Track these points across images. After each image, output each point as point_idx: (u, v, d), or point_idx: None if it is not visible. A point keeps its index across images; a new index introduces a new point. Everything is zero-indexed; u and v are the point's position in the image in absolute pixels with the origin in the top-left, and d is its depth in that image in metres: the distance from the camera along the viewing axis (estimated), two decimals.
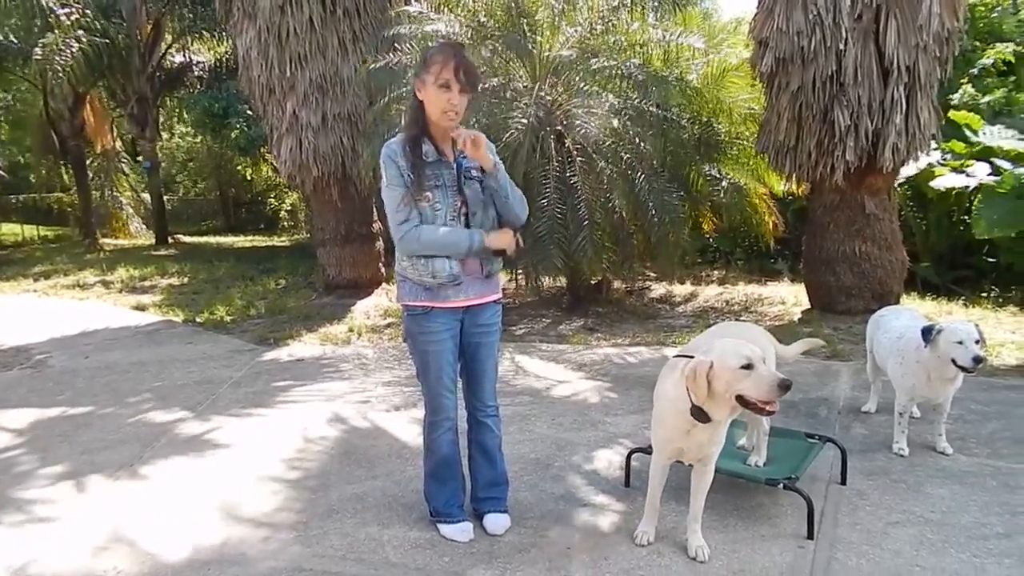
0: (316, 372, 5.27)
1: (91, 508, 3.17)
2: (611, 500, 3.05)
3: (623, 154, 6.20)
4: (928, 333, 3.10)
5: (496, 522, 2.80)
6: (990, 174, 7.67)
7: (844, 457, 3.13)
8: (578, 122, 6.05)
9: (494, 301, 2.72)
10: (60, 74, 12.40)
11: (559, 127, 6.23)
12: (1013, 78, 9.66)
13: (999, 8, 10.25)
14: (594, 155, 6.12)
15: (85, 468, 3.58)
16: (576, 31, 6.58)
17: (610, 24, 6.50)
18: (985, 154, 8.07)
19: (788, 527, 2.77)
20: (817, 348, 3.66)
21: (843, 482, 3.11)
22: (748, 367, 2.25)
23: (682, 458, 2.59)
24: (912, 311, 3.88)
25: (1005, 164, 7.70)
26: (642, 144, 6.15)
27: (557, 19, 6.58)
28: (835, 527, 2.77)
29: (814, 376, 4.64)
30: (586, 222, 5.89)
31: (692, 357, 2.40)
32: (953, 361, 3.04)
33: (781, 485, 2.77)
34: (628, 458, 3.19)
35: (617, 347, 5.75)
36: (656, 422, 2.62)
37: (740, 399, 2.26)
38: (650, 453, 3.00)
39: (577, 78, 6.29)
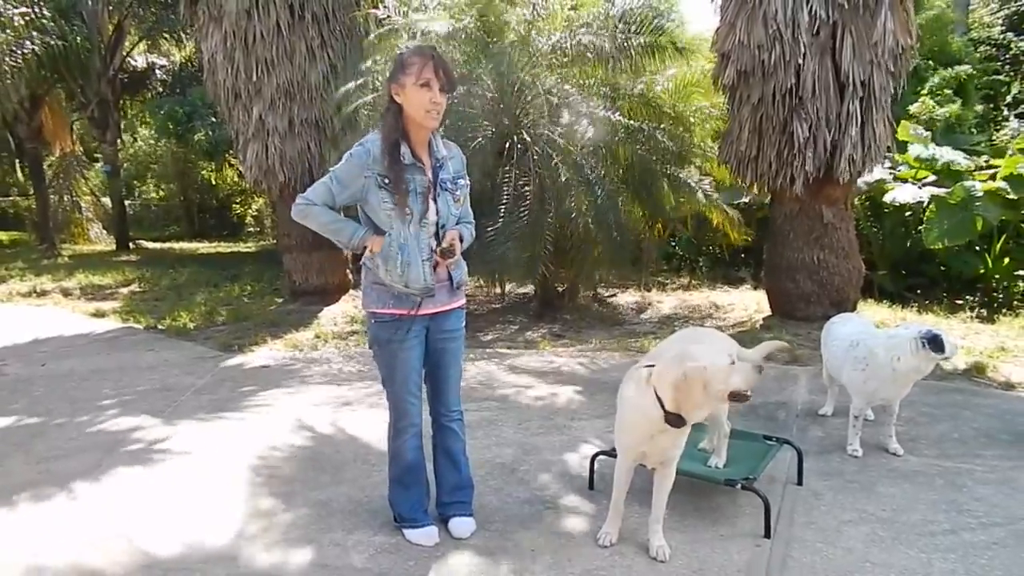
0: (281, 378, 5.22)
1: (44, 519, 3.10)
2: (576, 502, 3.10)
3: (588, 162, 6.29)
4: (937, 342, 3.17)
5: (461, 526, 2.82)
6: (940, 186, 7.95)
7: (800, 458, 3.23)
8: (542, 131, 6.13)
9: (459, 307, 2.75)
10: (8, 76, 12.07)
11: (524, 135, 6.29)
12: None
13: (951, 26, 10.66)
14: (559, 163, 6.20)
15: (40, 478, 3.50)
16: (546, 41, 6.65)
17: (579, 40, 6.58)
18: (935, 168, 8.36)
19: (746, 526, 2.84)
20: (781, 350, 3.73)
21: (799, 482, 3.21)
22: (732, 363, 2.37)
23: (645, 461, 2.65)
24: (861, 318, 4.02)
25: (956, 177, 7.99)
26: (606, 153, 6.25)
27: (526, 30, 6.65)
28: (791, 526, 2.86)
29: (774, 381, 4.76)
30: (548, 230, 5.95)
31: (652, 366, 2.46)
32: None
33: (739, 486, 2.85)
34: (592, 461, 3.24)
35: (583, 353, 5.81)
36: (620, 427, 2.68)
37: (732, 394, 2.36)
38: (614, 456, 3.06)
39: (544, 89, 6.36)
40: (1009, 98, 12.98)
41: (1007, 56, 13.92)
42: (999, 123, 11.15)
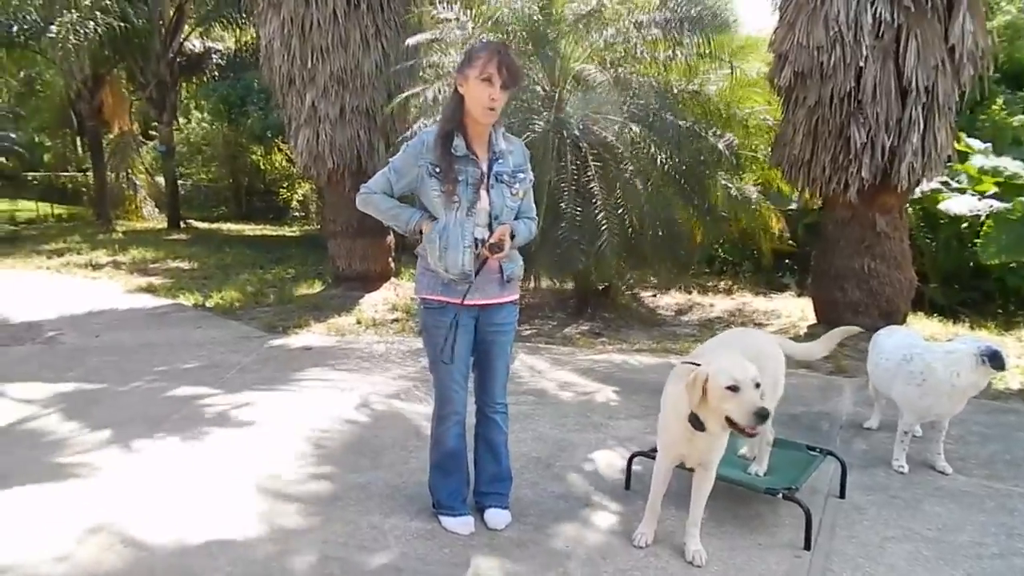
0: (324, 361, 5.32)
1: (109, 483, 3.22)
2: (611, 502, 3.09)
3: (638, 162, 6.23)
4: (998, 359, 3.09)
5: (497, 517, 2.84)
6: (997, 199, 7.67)
7: (844, 471, 3.16)
8: (596, 128, 6.09)
9: (510, 302, 2.76)
10: (73, 55, 12.49)
11: (577, 132, 6.27)
12: None
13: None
14: (610, 162, 6.16)
15: (101, 443, 3.64)
16: (600, 37, 6.60)
17: (632, 37, 6.52)
18: (996, 179, 8.06)
19: (785, 537, 2.80)
20: (849, 335, 3.38)
21: (842, 495, 3.15)
22: (734, 388, 2.30)
23: (685, 462, 2.63)
24: (908, 331, 3.91)
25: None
26: (657, 152, 6.18)
27: (582, 27, 6.61)
28: (832, 539, 2.81)
29: (818, 391, 4.67)
30: (604, 227, 5.91)
31: (698, 365, 2.44)
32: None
33: (780, 495, 2.81)
34: (630, 462, 3.23)
35: (622, 352, 5.78)
36: (661, 426, 2.67)
37: (727, 418, 2.33)
38: (652, 457, 3.05)
39: (596, 86, 6.32)
40: None
41: None
42: None
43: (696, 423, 2.41)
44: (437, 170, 2.55)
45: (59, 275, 9.66)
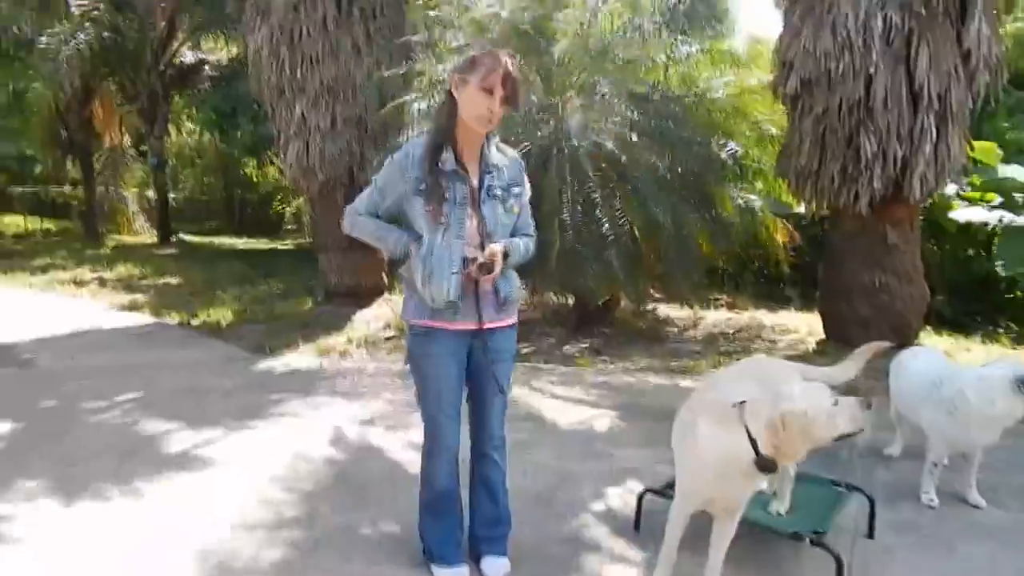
0: (311, 385, 5.05)
1: (55, 530, 2.94)
2: (620, 545, 2.83)
3: (640, 172, 6.00)
4: None
5: (495, 566, 2.57)
6: (1007, 209, 7.49)
7: (872, 508, 2.91)
8: (596, 138, 5.87)
9: (507, 326, 2.51)
10: (63, 66, 12.28)
11: (576, 143, 6.04)
12: None
13: None
14: (612, 172, 5.93)
15: (61, 481, 3.36)
16: (598, 43, 6.40)
17: (632, 41, 6.31)
18: (1002, 188, 7.88)
19: None
20: (878, 353, 3.02)
21: (870, 535, 2.89)
22: (836, 403, 2.13)
23: (710, 509, 2.37)
24: (934, 353, 3.67)
25: None
26: (658, 162, 5.96)
27: (579, 33, 6.41)
28: None
29: None
30: (611, 239, 5.68)
31: (743, 403, 2.20)
32: None
33: (808, 540, 2.55)
34: (640, 500, 2.96)
35: (625, 372, 5.53)
36: (690, 469, 2.39)
37: (840, 436, 2.14)
38: (664, 496, 2.80)
39: (597, 95, 6.12)
40: None
41: None
42: None
43: (768, 466, 2.15)
44: (423, 187, 2.31)
45: (41, 293, 9.37)
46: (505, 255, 2.35)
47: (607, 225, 5.71)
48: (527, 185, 2.52)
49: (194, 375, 5.25)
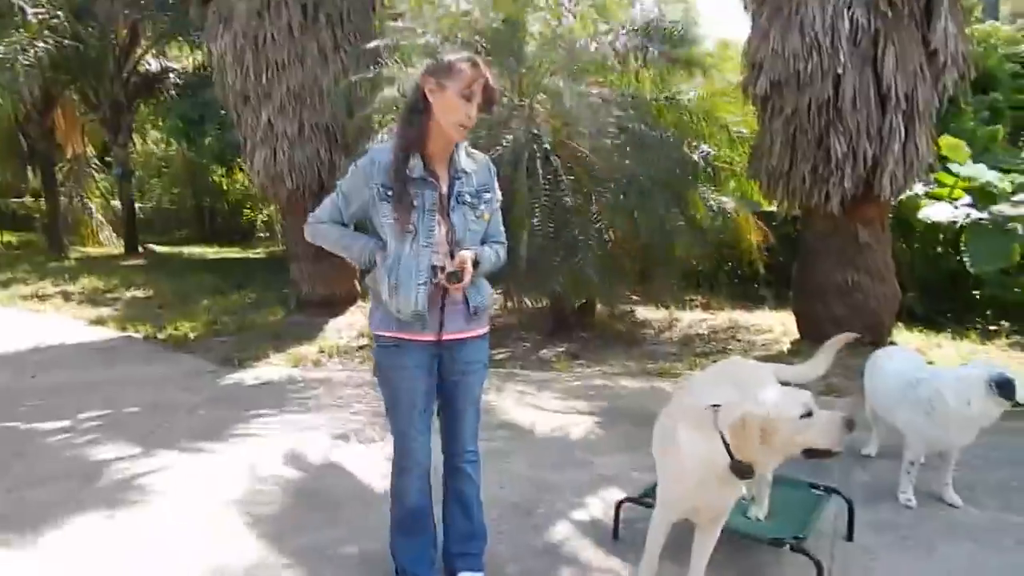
0: (281, 399, 4.92)
1: (6, 560, 2.80)
2: (599, 556, 2.76)
3: (615, 175, 5.97)
4: (1007, 387, 2.84)
5: None
6: (973, 206, 7.58)
7: (851, 511, 2.88)
8: (568, 141, 5.82)
9: (478, 336, 2.43)
10: (21, 76, 11.96)
11: (547, 145, 5.99)
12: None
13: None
14: (584, 175, 5.89)
15: (12, 509, 3.21)
16: (566, 47, 6.36)
17: (602, 44, 6.30)
18: (971, 186, 7.99)
19: None
20: (844, 343, 3.06)
21: (850, 538, 2.86)
22: (808, 415, 2.02)
23: (694, 518, 2.32)
24: (909, 353, 3.68)
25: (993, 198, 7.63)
26: (632, 164, 5.93)
27: (550, 36, 6.37)
28: None
29: None
30: (582, 243, 5.63)
31: (718, 406, 2.14)
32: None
33: (788, 546, 2.51)
34: (617, 509, 2.90)
35: (602, 376, 5.48)
36: (670, 478, 2.33)
37: (807, 451, 2.03)
38: (643, 504, 2.75)
39: (567, 97, 6.07)
40: None
41: None
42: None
43: (744, 471, 2.08)
44: (389, 193, 2.24)
45: (3, 308, 9.06)
46: (475, 263, 2.28)
47: (579, 229, 5.66)
48: (498, 191, 2.45)
49: (159, 391, 5.09)
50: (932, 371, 3.19)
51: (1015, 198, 7.39)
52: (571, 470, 3.60)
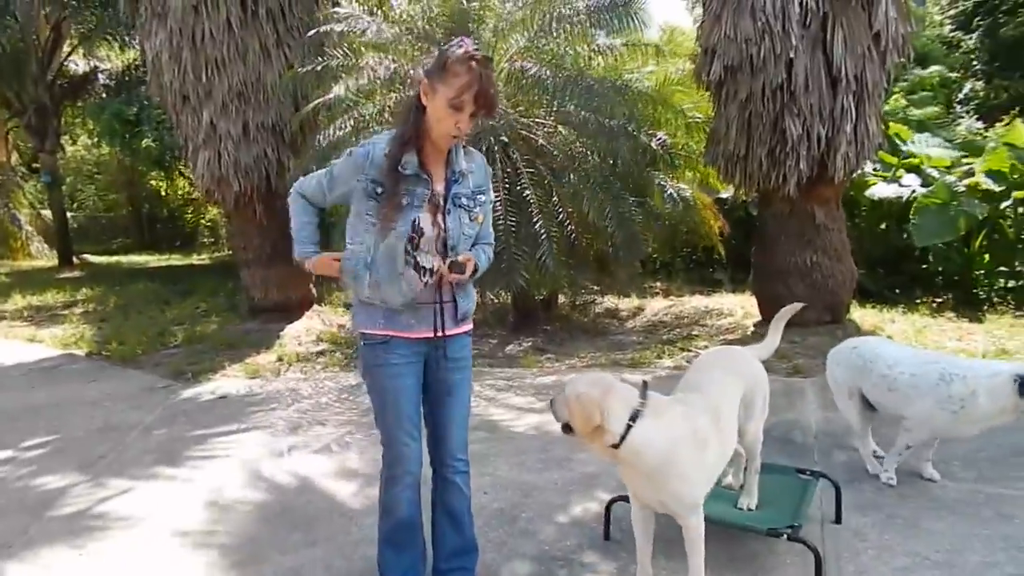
0: (241, 412, 4.68)
1: None
2: (592, 558, 2.69)
3: (572, 165, 5.90)
4: None
5: None
6: (920, 184, 7.82)
7: (838, 493, 2.88)
8: (525, 132, 5.72)
9: (463, 332, 2.36)
10: None
11: (504, 138, 5.88)
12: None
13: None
14: (543, 167, 5.80)
15: None
16: (522, 38, 6.25)
17: (556, 33, 6.20)
18: (914, 163, 8.24)
19: None
20: (795, 312, 3.07)
21: (838, 520, 2.86)
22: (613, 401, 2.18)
23: (659, 508, 2.29)
24: (891, 343, 3.63)
25: (934, 173, 7.88)
26: (590, 154, 5.88)
27: (503, 27, 6.24)
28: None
29: (782, 396, 4.42)
30: (544, 236, 5.55)
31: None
32: None
33: (785, 536, 2.48)
34: (608, 509, 2.83)
35: (572, 368, 5.42)
36: None
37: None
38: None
39: (523, 89, 5.98)
40: (961, 95, 13.13)
41: (957, 54, 14.13)
42: (953, 120, 11.15)
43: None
44: (378, 190, 2.13)
45: None
46: (475, 270, 2.22)
47: (540, 221, 5.58)
48: (491, 192, 2.36)
49: (109, 412, 4.78)
50: (966, 366, 3.04)
51: (959, 170, 7.64)
52: (554, 470, 3.52)
